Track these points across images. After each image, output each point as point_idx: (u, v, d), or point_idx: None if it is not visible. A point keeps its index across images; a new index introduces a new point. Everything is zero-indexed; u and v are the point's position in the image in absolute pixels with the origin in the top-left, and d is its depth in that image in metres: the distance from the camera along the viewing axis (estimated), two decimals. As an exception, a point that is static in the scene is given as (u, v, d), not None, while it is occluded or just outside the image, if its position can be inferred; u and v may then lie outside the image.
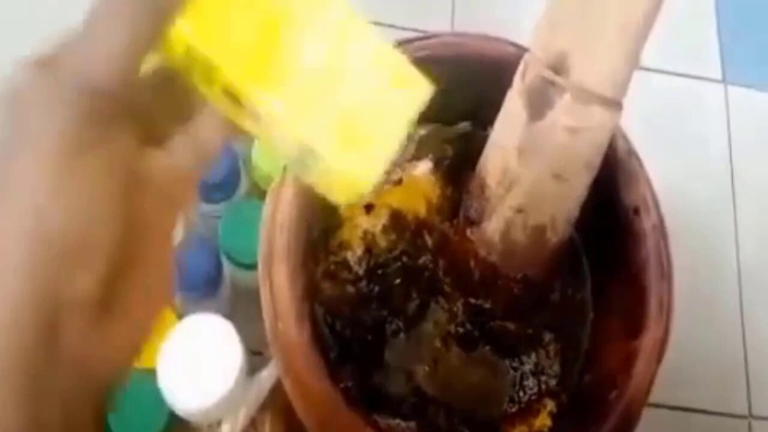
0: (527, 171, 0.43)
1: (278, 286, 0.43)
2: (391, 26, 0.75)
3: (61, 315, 0.23)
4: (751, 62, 0.83)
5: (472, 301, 0.48)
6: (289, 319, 0.42)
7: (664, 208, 0.49)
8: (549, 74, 0.40)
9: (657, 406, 0.65)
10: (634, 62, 0.40)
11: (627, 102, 0.42)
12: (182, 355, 0.49)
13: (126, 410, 0.51)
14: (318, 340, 0.44)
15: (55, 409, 0.23)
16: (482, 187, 0.46)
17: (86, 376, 0.24)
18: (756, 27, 0.85)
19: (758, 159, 0.79)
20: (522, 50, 0.44)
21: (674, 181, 0.74)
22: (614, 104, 0.41)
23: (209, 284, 0.55)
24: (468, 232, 0.47)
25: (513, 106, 0.43)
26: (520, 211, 0.44)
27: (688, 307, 0.69)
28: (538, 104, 0.41)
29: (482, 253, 0.46)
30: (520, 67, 0.43)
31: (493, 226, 0.45)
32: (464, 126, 0.52)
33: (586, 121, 0.40)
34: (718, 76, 0.81)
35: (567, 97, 0.40)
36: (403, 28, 0.75)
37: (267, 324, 0.43)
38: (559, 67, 0.40)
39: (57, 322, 0.23)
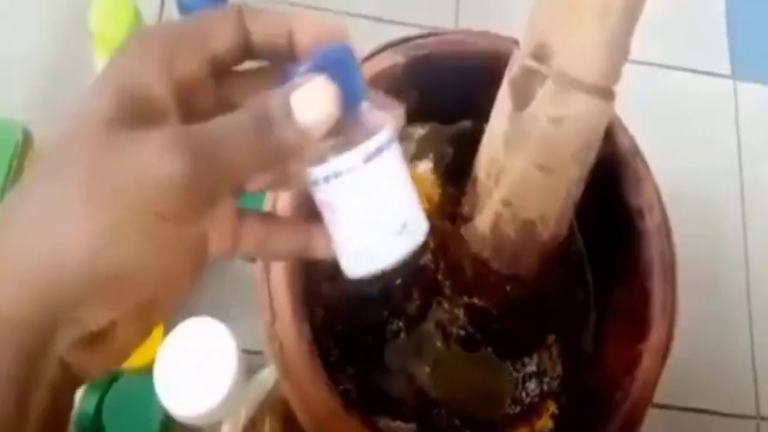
0: (513, 161, 0.42)
1: (276, 288, 0.42)
2: (392, 22, 0.75)
3: (59, 330, 0.24)
4: (761, 57, 0.82)
5: (468, 300, 0.47)
6: (287, 321, 0.42)
7: (671, 207, 0.48)
8: (531, 63, 0.40)
9: (665, 407, 0.64)
10: (619, 49, 0.39)
11: (633, 98, 0.41)
12: (178, 360, 0.49)
13: (121, 411, 0.51)
14: (317, 342, 0.44)
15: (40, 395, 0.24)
16: (475, 181, 0.45)
17: (71, 373, 0.25)
18: (765, 21, 0.83)
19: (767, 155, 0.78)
20: (521, 46, 0.44)
21: (682, 179, 0.73)
22: (600, 91, 0.39)
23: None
24: (462, 229, 0.46)
25: (502, 98, 0.43)
26: (508, 204, 0.43)
27: (695, 308, 0.69)
28: (522, 94, 0.40)
29: (474, 249, 0.46)
30: (511, 60, 0.42)
31: (483, 221, 0.45)
32: (465, 124, 0.52)
33: (570, 110, 0.39)
34: (728, 71, 0.80)
35: (549, 84, 0.39)
36: (406, 24, 0.74)
37: (264, 326, 0.42)
38: (541, 55, 0.39)
39: (55, 331, 0.24)
